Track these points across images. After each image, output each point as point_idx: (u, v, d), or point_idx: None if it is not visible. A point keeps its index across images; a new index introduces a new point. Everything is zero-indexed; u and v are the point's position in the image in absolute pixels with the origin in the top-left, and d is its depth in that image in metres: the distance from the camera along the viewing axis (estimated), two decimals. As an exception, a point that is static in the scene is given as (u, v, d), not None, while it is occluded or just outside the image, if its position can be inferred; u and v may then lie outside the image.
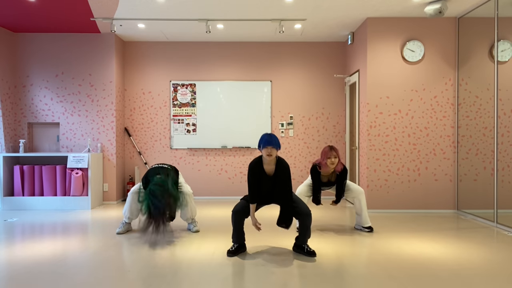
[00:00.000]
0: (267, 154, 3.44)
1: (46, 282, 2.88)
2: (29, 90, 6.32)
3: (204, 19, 5.61)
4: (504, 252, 3.63)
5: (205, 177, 6.86)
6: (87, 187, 5.88)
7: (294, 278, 2.97)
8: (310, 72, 6.88)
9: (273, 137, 3.46)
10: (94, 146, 6.33)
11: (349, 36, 6.33)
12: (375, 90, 5.59)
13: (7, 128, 6.09)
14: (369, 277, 2.98)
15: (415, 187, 5.60)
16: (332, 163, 4.18)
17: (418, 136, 5.60)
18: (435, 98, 5.59)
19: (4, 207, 5.81)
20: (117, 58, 6.48)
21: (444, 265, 3.24)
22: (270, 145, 3.43)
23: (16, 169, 5.85)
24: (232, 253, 3.52)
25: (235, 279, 2.96)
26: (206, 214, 5.42)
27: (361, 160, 5.89)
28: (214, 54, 6.85)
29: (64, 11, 5.31)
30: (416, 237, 4.16)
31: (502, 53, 4.85)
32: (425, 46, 5.56)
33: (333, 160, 4.18)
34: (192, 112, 6.82)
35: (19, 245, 3.90)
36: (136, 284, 2.85)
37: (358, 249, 3.76)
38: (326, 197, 6.69)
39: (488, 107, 5.00)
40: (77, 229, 4.61)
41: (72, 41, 6.32)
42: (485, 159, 5.13)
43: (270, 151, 3.43)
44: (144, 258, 3.45)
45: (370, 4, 5.08)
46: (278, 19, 5.60)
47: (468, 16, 5.34)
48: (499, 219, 4.67)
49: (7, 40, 6.12)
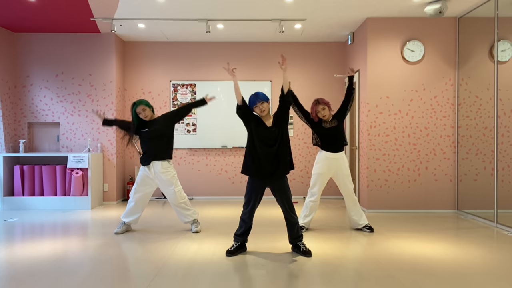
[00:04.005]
0: (260, 111, 3.42)
1: (46, 282, 2.88)
2: (29, 90, 6.32)
3: (204, 19, 5.61)
4: (504, 252, 3.63)
5: (205, 177, 6.86)
6: (87, 187, 5.88)
7: (293, 278, 2.97)
8: (310, 72, 6.88)
9: (259, 93, 3.43)
10: (94, 146, 6.33)
11: (349, 36, 6.33)
12: (375, 90, 5.59)
13: (7, 128, 6.09)
14: (369, 277, 2.98)
15: (415, 187, 5.60)
16: (323, 115, 4.15)
17: (418, 136, 5.60)
18: (435, 98, 5.59)
19: (4, 207, 5.81)
20: (117, 58, 6.48)
21: (444, 265, 3.24)
22: (259, 101, 3.40)
23: (16, 169, 5.85)
24: (230, 253, 3.51)
25: (235, 279, 2.96)
26: (206, 214, 5.42)
27: (361, 160, 5.89)
28: (214, 54, 6.85)
29: (64, 11, 5.31)
30: (416, 237, 4.16)
31: (502, 53, 4.85)
32: (425, 46, 5.56)
33: (322, 113, 4.15)
34: (192, 112, 6.82)
35: (19, 245, 3.90)
36: (136, 284, 2.85)
37: (358, 249, 3.76)
38: (326, 197, 6.69)
39: (488, 107, 5.00)
40: (77, 229, 4.61)
41: (72, 41, 6.32)
42: (485, 159, 5.13)
43: (261, 106, 3.41)
44: (144, 258, 3.45)
45: (370, 4, 5.08)
46: (278, 19, 5.60)
47: (468, 16, 5.34)
48: (499, 219, 4.67)
49: (7, 40, 6.12)
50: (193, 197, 6.84)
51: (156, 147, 4.19)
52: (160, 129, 4.18)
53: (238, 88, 3.47)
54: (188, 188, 6.80)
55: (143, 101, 4.14)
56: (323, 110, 4.15)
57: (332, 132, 4.23)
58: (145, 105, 4.14)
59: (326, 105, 4.17)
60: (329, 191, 6.68)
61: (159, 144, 4.20)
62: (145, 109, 4.14)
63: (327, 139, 4.25)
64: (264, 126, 3.44)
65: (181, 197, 4.29)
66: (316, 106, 4.17)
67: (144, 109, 4.13)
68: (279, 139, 3.41)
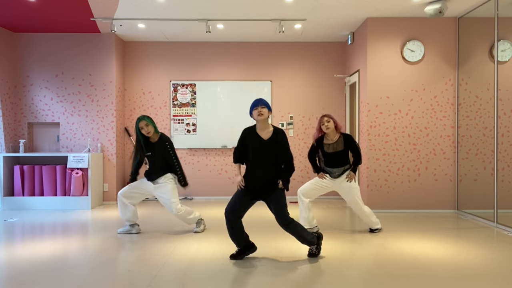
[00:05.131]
0: (258, 114, 3.26)
1: (46, 282, 2.88)
2: (29, 90, 6.32)
3: (204, 19, 5.61)
4: (504, 252, 3.63)
5: (205, 177, 6.86)
6: (87, 187, 5.88)
7: (293, 278, 2.97)
8: (310, 72, 6.88)
9: (262, 99, 3.32)
10: (94, 146, 6.33)
11: (349, 36, 6.33)
12: (375, 90, 5.59)
13: (7, 128, 6.09)
14: (369, 277, 2.98)
15: (415, 187, 5.60)
16: (327, 127, 4.13)
17: (418, 136, 5.60)
18: (435, 98, 5.59)
19: (4, 207, 5.81)
20: (117, 58, 6.48)
21: (444, 265, 3.24)
22: (259, 105, 3.28)
23: (16, 169, 5.85)
24: (233, 257, 3.41)
25: (235, 279, 2.96)
26: (206, 214, 5.42)
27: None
28: (214, 54, 6.85)
29: (64, 11, 5.31)
30: (416, 237, 4.16)
31: (502, 53, 4.85)
32: (425, 46, 5.56)
33: (327, 125, 4.12)
34: (192, 112, 6.83)
35: (19, 245, 3.90)
36: (136, 284, 2.85)
37: (357, 249, 3.76)
38: (326, 197, 6.69)
39: (488, 107, 5.00)
40: (77, 229, 4.61)
41: (72, 41, 6.32)
42: (485, 159, 5.13)
43: (260, 110, 3.26)
44: (145, 258, 3.45)
45: (370, 4, 5.08)
46: (278, 19, 5.60)
47: (468, 16, 5.34)
48: (499, 219, 4.67)
49: (7, 40, 6.12)
50: (193, 197, 6.85)
51: (160, 165, 4.23)
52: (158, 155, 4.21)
53: (239, 171, 3.42)
54: (188, 188, 6.78)
55: (145, 117, 4.14)
56: (328, 122, 4.14)
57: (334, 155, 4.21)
58: (147, 121, 4.13)
59: (331, 118, 4.17)
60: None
61: (163, 163, 4.24)
62: (147, 125, 4.11)
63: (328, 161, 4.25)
64: (257, 138, 3.31)
65: (177, 210, 4.20)
66: (322, 118, 4.18)
67: (146, 124, 4.11)
68: (271, 156, 3.27)
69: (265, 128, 3.32)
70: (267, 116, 3.30)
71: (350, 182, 4.21)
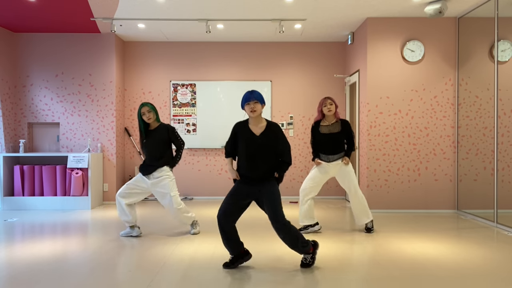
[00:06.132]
0: (250, 111, 3.05)
1: (46, 282, 2.88)
2: (29, 90, 6.32)
3: (204, 19, 5.61)
4: (504, 252, 3.63)
5: (205, 177, 6.86)
6: (87, 187, 5.88)
7: (293, 277, 2.97)
8: (310, 72, 6.88)
9: (255, 92, 3.10)
10: (94, 146, 6.33)
11: (349, 36, 6.33)
12: (375, 90, 5.59)
13: (7, 128, 6.09)
14: (369, 277, 2.98)
15: (415, 187, 5.60)
16: (329, 109, 4.17)
17: (418, 136, 5.60)
18: (435, 98, 5.59)
19: (4, 207, 5.81)
20: (117, 58, 6.48)
21: (444, 265, 3.24)
22: (251, 100, 3.06)
23: (16, 169, 5.85)
24: (226, 266, 3.19)
25: (235, 278, 2.96)
26: (206, 214, 5.42)
27: (361, 160, 5.89)
28: (214, 54, 6.85)
29: (64, 11, 5.31)
30: (416, 237, 4.16)
31: (502, 53, 4.85)
32: (425, 46, 5.56)
33: (329, 107, 4.17)
34: (192, 112, 6.83)
35: (19, 245, 3.90)
36: (136, 284, 2.85)
37: (357, 249, 3.77)
38: (326, 197, 6.70)
39: (488, 107, 5.00)
40: (77, 229, 4.61)
41: (72, 41, 6.32)
42: (485, 159, 5.13)
43: (253, 106, 3.05)
44: (145, 258, 3.45)
45: (370, 4, 5.08)
46: (278, 19, 5.60)
47: (468, 16, 5.34)
48: (499, 219, 4.67)
49: (7, 40, 6.12)
50: (193, 197, 6.85)
51: (155, 155, 4.15)
52: (159, 139, 4.16)
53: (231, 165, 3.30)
54: (188, 188, 6.80)
55: (148, 104, 4.13)
56: (331, 105, 4.18)
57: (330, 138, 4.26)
58: (150, 107, 4.13)
59: (334, 101, 4.21)
60: (329, 191, 6.69)
61: (159, 152, 4.15)
62: (149, 111, 4.11)
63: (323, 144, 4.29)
64: (249, 134, 3.13)
65: (178, 203, 4.17)
66: (325, 100, 4.22)
67: (149, 111, 4.10)
68: (264, 151, 3.10)
69: (258, 123, 3.15)
70: (261, 111, 3.13)
71: (347, 165, 4.26)
